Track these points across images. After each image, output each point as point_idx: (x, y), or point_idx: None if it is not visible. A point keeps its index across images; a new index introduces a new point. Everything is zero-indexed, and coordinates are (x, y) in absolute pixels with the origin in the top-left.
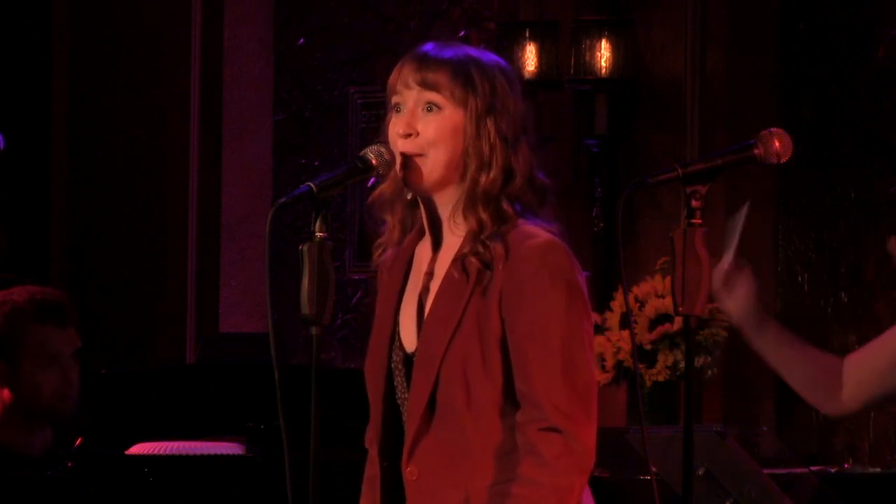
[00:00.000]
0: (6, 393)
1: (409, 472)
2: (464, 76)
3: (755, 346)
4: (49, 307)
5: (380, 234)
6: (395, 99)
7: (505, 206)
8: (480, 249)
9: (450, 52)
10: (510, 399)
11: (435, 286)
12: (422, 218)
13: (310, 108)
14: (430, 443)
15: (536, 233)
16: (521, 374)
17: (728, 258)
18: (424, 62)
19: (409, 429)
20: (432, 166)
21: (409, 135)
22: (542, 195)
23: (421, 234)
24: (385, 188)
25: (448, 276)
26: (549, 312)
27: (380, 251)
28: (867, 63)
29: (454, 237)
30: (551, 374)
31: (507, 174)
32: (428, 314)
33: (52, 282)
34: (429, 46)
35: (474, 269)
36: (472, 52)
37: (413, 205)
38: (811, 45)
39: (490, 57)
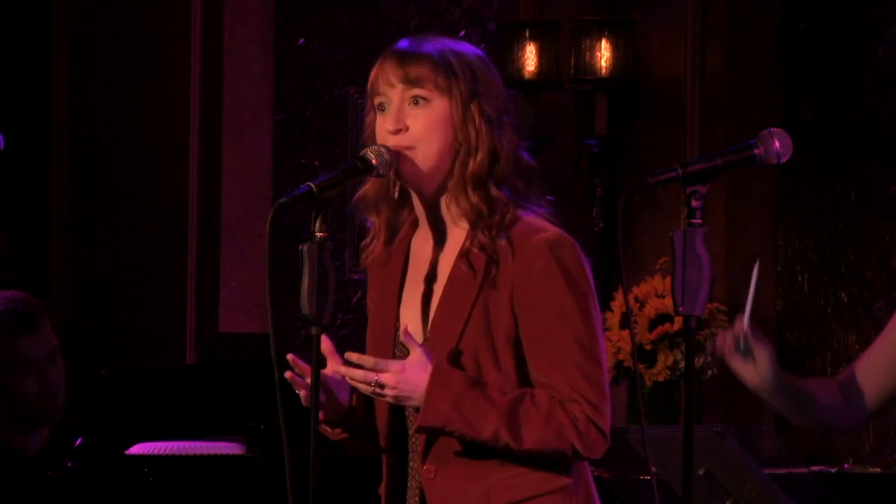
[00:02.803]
0: None
1: (427, 469)
2: (444, 65)
3: (772, 403)
4: (18, 316)
5: (365, 234)
6: (378, 99)
7: (493, 191)
8: (484, 239)
9: (427, 45)
10: None
11: (441, 281)
12: (416, 212)
13: (310, 108)
14: (445, 442)
15: (543, 226)
16: (541, 370)
17: (744, 325)
18: (404, 58)
19: (397, 422)
20: (423, 158)
21: (399, 130)
22: (528, 177)
23: (414, 227)
24: (368, 188)
25: (455, 272)
26: (562, 308)
27: (366, 253)
28: (867, 63)
29: (457, 229)
30: (573, 370)
31: (493, 156)
32: (436, 310)
33: (51, 281)
34: (405, 43)
35: (481, 263)
36: (448, 42)
37: (399, 205)
38: (811, 45)
39: (465, 46)
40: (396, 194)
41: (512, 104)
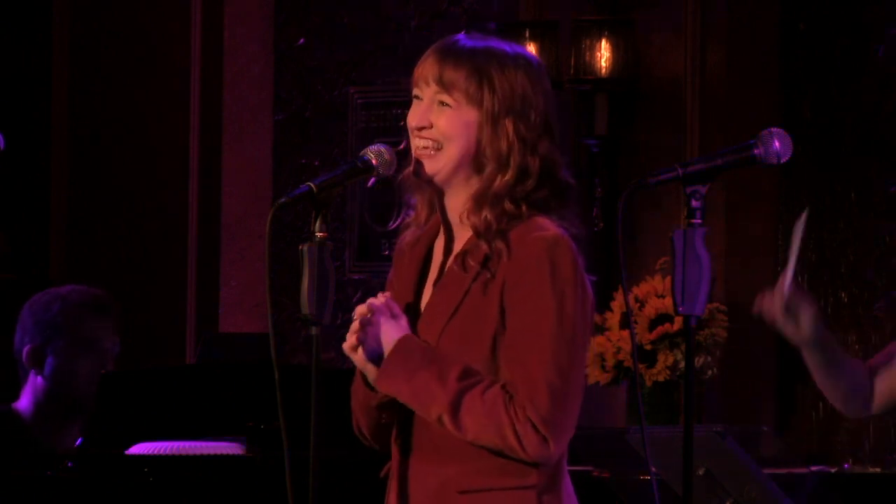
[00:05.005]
0: (40, 381)
1: (395, 450)
2: (480, 76)
3: (808, 360)
4: (92, 297)
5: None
6: (415, 91)
7: (508, 205)
8: (483, 246)
9: (474, 47)
10: None
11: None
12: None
13: (310, 108)
14: (419, 423)
15: (545, 226)
16: (507, 365)
17: (787, 281)
18: (445, 59)
19: (401, 409)
20: (447, 159)
21: (423, 127)
22: (562, 195)
23: (438, 227)
24: (410, 170)
25: (449, 270)
26: (541, 308)
27: (405, 232)
28: (867, 63)
29: (463, 233)
30: (534, 371)
31: (522, 174)
32: (426, 304)
33: (51, 282)
34: (457, 38)
35: (476, 263)
36: (497, 46)
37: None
38: (811, 45)
39: (516, 51)
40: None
41: (555, 119)
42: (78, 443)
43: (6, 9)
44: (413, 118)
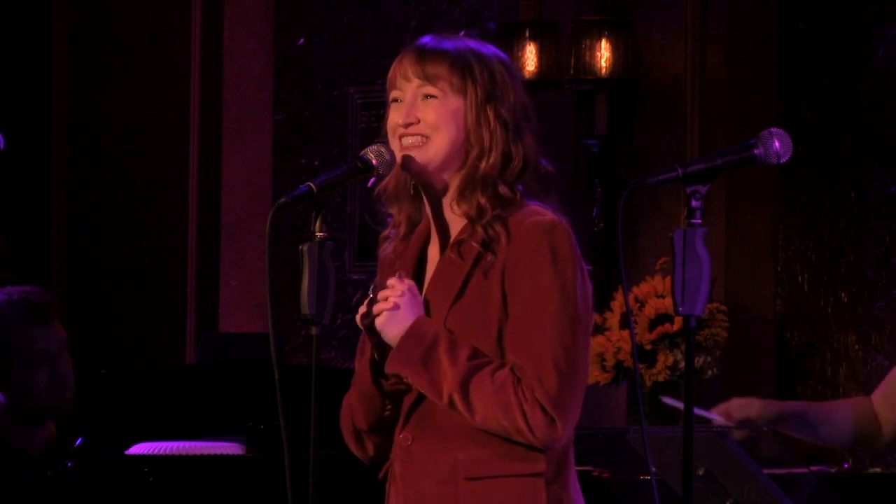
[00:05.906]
0: (1, 397)
1: (403, 437)
2: (462, 66)
3: (790, 434)
4: (31, 306)
5: (386, 226)
6: (393, 94)
7: (502, 189)
8: (480, 232)
9: (449, 43)
10: None
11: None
12: (427, 213)
13: (310, 108)
14: (426, 411)
15: (541, 211)
16: (512, 348)
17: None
18: (424, 55)
19: (409, 396)
20: (435, 151)
21: (410, 123)
22: (546, 183)
23: (429, 230)
24: (389, 181)
25: (446, 257)
26: (545, 291)
27: (384, 244)
28: (867, 63)
29: (457, 224)
30: (540, 353)
31: (506, 159)
32: (425, 290)
33: (51, 281)
34: (427, 39)
35: (474, 249)
36: (472, 43)
37: (418, 198)
38: (811, 45)
39: (489, 48)
40: (412, 189)
41: (532, 112)
42: (78, 443)
43: (6, 9)
44: (398, 116)
